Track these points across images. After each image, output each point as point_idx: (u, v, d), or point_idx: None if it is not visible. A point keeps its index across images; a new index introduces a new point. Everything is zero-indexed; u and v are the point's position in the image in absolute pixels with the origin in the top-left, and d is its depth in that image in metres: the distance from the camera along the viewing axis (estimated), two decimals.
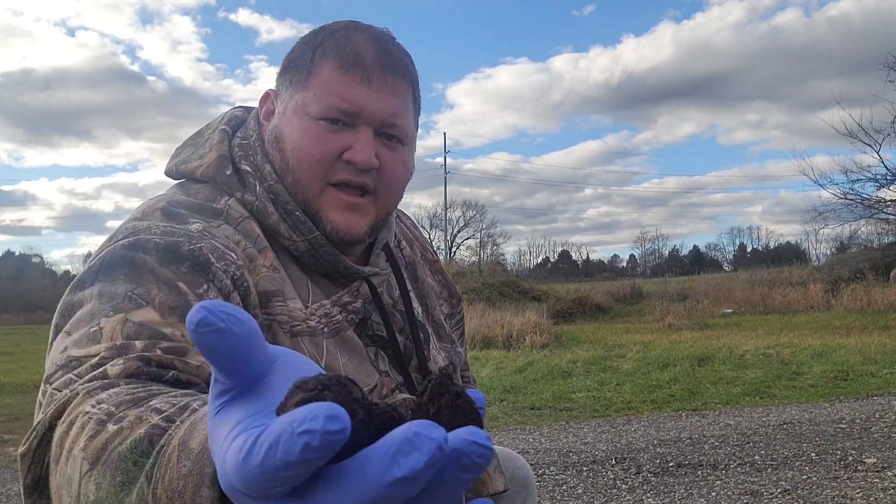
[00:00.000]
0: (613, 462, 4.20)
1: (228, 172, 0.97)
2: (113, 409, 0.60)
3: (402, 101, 0.97)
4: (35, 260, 52.09)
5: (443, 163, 41.34)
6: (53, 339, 0.77)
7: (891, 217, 18.87)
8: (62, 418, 0.63)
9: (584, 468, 4.10)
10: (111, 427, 0.57)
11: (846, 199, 18.42)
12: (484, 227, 43.74)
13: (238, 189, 0.96)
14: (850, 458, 3.99)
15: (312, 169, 0.93)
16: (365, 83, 0.93)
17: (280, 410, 0.33)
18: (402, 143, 0.98)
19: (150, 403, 0.59)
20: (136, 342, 0.70)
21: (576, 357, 8.59)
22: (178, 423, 0.54)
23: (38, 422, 0.65)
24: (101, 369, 0.67)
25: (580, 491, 3.70)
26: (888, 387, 6.27)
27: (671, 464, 4.10)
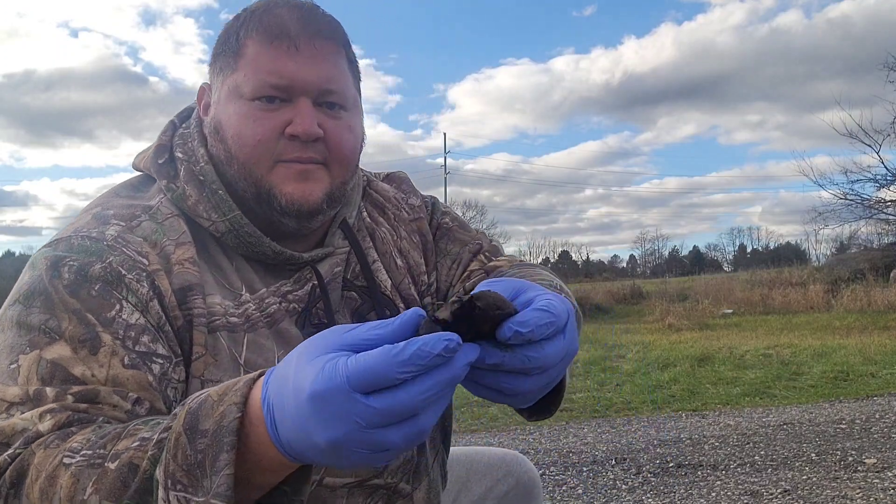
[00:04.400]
0: (613, 462, 4.20)
1: (161, 161, 0.97)
2: (101, 451, 0.68)
3: (335, 65, 0.95)
4: None
5: (443, 163, 41.36)
6: None
7: (891, 217, 18.87)
8: (30, 476, 0.70)
9: (585, 468, 4.10)
10: (112, 465, 0.66)
11: (846, 199, 18.42)
12: (484, 227, 43.68)
13: (166, 177, 0.96)
14: (851, 459, 3.99)
15: (256, 151, 0.92)
16: (293, 52, 0.91)
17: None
18: (344, 109, 0.96)
19: (135, 434, 0.69)
20: (48, 389, 0.77)
21: (576, 357, 8.58)
22: (173, 423, 0.65)
23: None
24: (32, 430, 0.73)
25: (580, 491, 3.69)
26: (888, 387, 6.26)
27: (671, 464, 4.10)
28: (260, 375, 0.64)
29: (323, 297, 0.99)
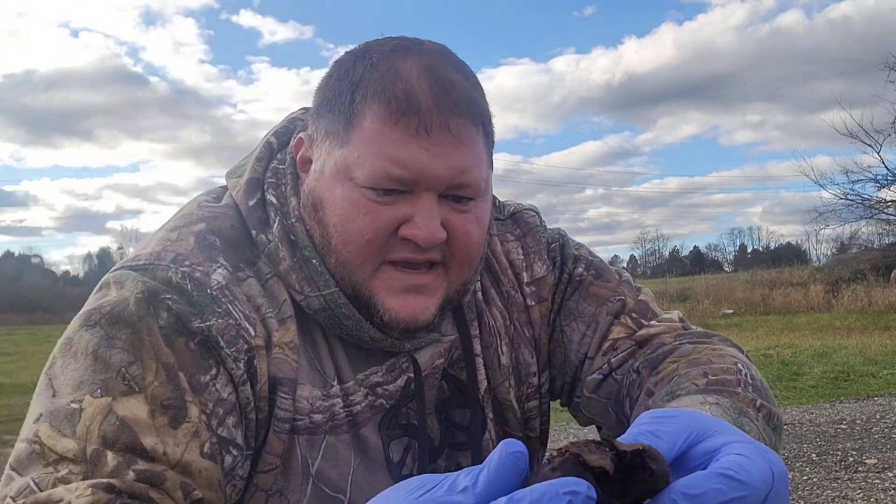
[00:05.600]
0: None
1: (251, 203, 0.82)
2: None
3: (471, 151, 0.76)
4: (35, 260, 52.19)
5: None
6: (47, 374, 0.70)
7: (891, 217, 18.87)
8: None
9: None
10: None
11: (847, 199, 18.42)
12: None
13: (257, 226, 0.80)
14: (851, 459, 3.99)
15: (362, 251, 0.75)
16: (422, 136, 0.72)
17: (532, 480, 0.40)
18: (474, 200, 0.78)
19: None
20: (109, 455, 0.63)
21: None
22: None
23: None
24: (66, 501, 0.59)
25: None
26: (889, 387, 6.26)
27: None
28: None
29: (417, 397, 0.84)
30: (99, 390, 0.66)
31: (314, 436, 0.78)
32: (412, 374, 0.84)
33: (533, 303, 0.92)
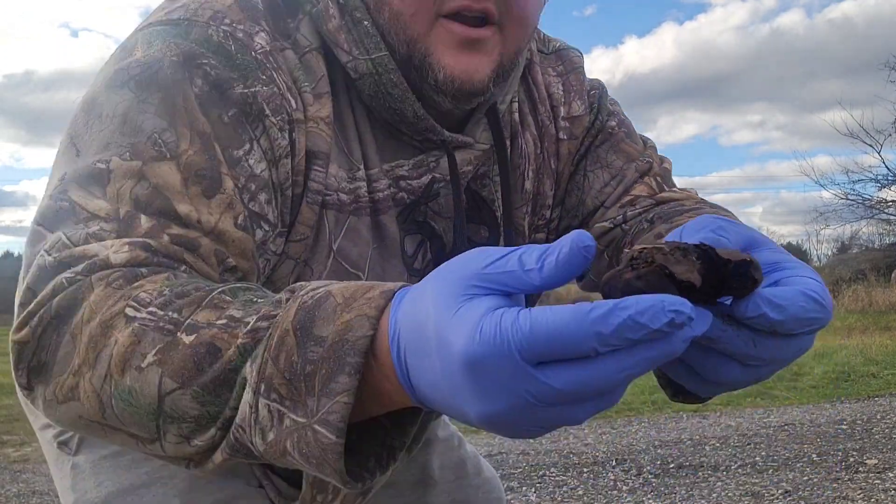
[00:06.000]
0: (614, 463, 4.19)
1: None
2: (174, 315, 0.54)
3: None
4: None
5: None
6: (68, 133, 0.68)
7: (892, 217, 18.87)
8: (81, 313, 0.56)
9: (585, 469, 4.09)
10: (186, 338, 0.53)
11: (847, 199, 18.42)
12: None
13: None
14: (852, 460, 3.99)
15: None
16: None
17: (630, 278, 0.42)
18: None
19: (221, 307, 0.54)
20: (143, 218, 0.62)
21: None
22: (278, 313, 0.52)
23: (40, 305, 0.58)
24: (102, 255, 0.59)
25: (581, 492, 3.69)
26: (889, 388, 6.26)
27: (672, 465, 4.09)
28: (392, 290, 0.50)
29: (453, 183, 0.81)
30: (128, 153, 0.64)
31: (340, 213, 0.77)
32: (437, 175, 0.82)
33: (564, 137, 0.92)
